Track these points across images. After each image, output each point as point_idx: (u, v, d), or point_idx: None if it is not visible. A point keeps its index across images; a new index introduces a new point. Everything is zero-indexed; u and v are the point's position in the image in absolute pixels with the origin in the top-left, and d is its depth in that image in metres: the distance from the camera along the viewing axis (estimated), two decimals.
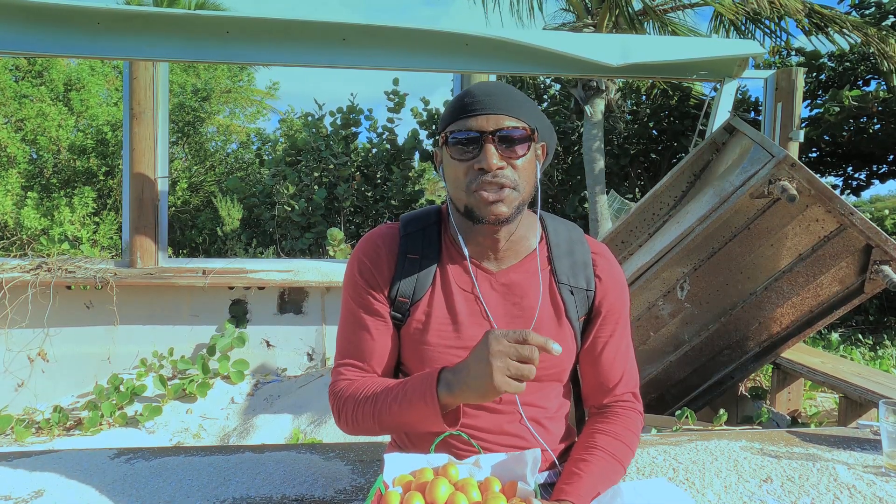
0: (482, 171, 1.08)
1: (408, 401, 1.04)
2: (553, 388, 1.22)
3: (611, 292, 1.21)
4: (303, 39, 3.84)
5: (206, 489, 1.32)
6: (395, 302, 1.17)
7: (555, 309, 1.18)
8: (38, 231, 7.09)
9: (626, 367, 1.24)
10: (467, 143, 1.08)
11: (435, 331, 1.15)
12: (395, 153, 8.65)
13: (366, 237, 1.22)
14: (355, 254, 1.21)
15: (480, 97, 1.09)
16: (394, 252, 1.18)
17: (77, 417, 3.99)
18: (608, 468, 1.13)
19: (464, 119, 1.09)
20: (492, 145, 1.07)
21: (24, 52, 3.83)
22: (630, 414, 1.22)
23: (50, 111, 7.98)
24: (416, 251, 1.18)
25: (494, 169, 1.07)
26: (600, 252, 1.24)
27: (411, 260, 1.17)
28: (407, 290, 1.16)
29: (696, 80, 4.82)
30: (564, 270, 1.19)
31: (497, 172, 1.07)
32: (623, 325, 1.24)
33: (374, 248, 1.19)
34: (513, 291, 1.17)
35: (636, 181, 9.58)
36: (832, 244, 2.87)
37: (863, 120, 8.58)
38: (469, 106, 1.09)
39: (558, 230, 1.24)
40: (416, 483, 1.01)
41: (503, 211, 1.09)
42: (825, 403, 4.31)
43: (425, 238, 1.19)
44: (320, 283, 4.68)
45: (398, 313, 1.17)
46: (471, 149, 1.08)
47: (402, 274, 1.16)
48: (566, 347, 1.19)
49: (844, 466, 1.47)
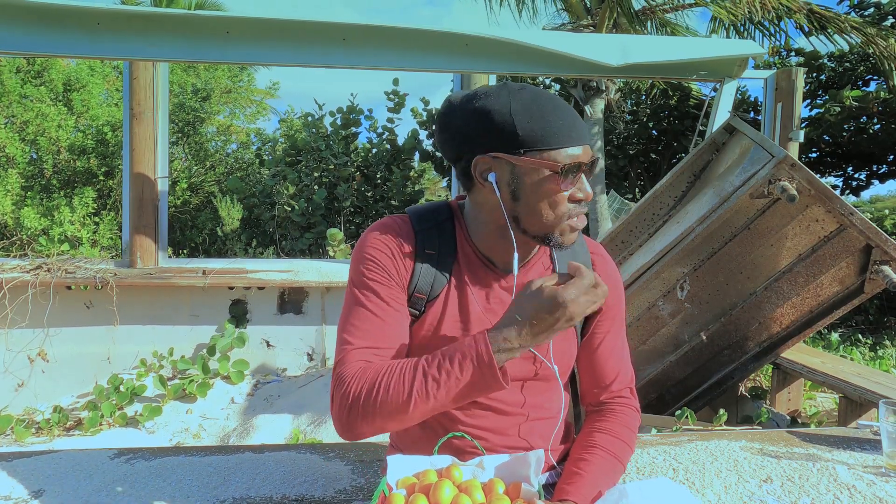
0: (580, 202, 1.09)
1: (454, 362, 0.98)
2: (555, 388, 1.23)
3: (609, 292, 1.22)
4: (303, 39, 3.84)
5: (206, 489, 1.32)
6: (412, 297, 1.14)
7: None
8: (38, 231, 7.09)
9: (622, 363, 1.27)
10: (577, 173, 1.08)
11: (449, 328, 1.15)
12: (395, 153, 8.65)
13: (380, 227, 1.16)
14: (371, 241, 1.14)
15: (577, 123, 1.08)
16: (412, 245, 1.14)
17: (77, 417, 3.99)
18: (608, 467, 1.14)
19: (572, 147, 1.06)
20: (587, 176, 1.10)
21: (24, 52, 3.83)
22: (627, 411, 1.24)
23: (50, 111, 7.97)
24: (432, 247, 1.15)
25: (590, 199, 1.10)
26: (598, 252, 1.27)
27: (429, 255, 1.15)
28: (424, 286, 1.14)
29: (696, 80, 4.83)
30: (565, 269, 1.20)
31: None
32: (619, 323, 1.27)
33: (394, 236, 1.14)
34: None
35: (636, 181, 9.58)
36: (832, 244, 2.87)
37: (863, 120, 8.58)
38: (573, 132, 1.07)
39: None
40: (420, 485, 1.01)
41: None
42: (825, 403, 4.31)
43: (441, 234, 1.17)
44: (320, 283, 4.68)
45: (414, 309, 1.14)
46: (575, 178, 1.08)
47: (420, 269, 1.14)
48: (570, 346, 1.21)
49: (844, 466, 1.47)
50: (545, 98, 1.08)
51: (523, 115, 1.05)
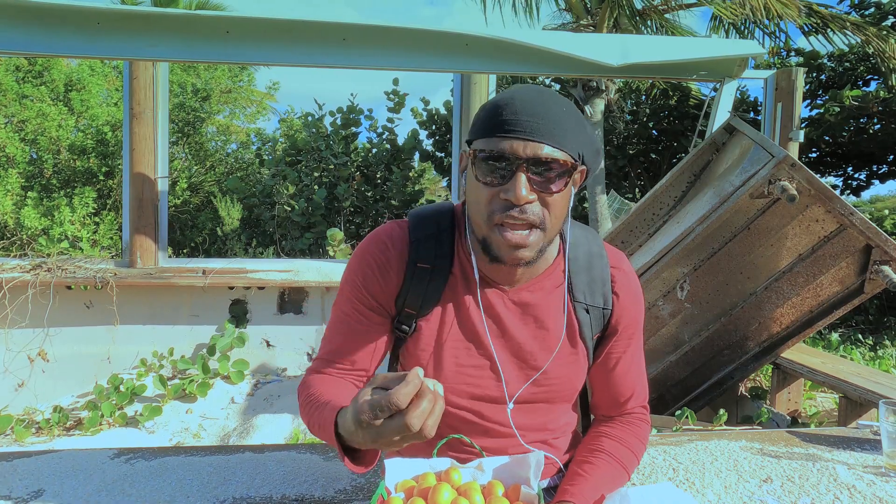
0: (508, 203, 0.96)
1: (319, 424, 0.97)
2: (562, 408, 1.19)
3: (628, 309, 1.15)
4: (303, 39, 3.84)
5: (206, 489, 1.32)
6: (402, 313, 1.09)
7: (569, 328, 1.12)
8: (38, 231, 7.09)
9: (639, 383, 1.20)
10: (497, 168, 0.95)
11: (450, 349, 1.09)
12: (395, 153, 8.65)
13: (373, 237, 1.12)
14: (361, 254, 1.11)
15: (522, 116, 0.95)
16: (403, 258, 1.08)
17: (77, 417, 3.99)
18: (612, 473, 1.11)
19: (498, 138, 0.95)
20: (524, 175, 0.94)
21: (24, 52, 3.83)
22: (639, 423, 1.20)
23: (50, 111, 7.97)
24: (426, 260, 1.07)
25: (522, 203, 0.95)
26: (619, 266, 1.15)
27: (421, 270, 1.07)
28: (414, 302, 1.08)
29: (696, 80, 4.83)
30: (581, 288, 1.11)
31: (525, 207, 0.96)
32: (637, 340, 1.19)
33: (383, 250, 1.09)
34: (528, 311, 1.10)
35: (636, 181, 9.58)
36: (832, 244, 2.87)
37: (863, 120, 8.58)
38: (507, 123, 0.95)
39: (578, 242, 1.13)
40: (419, 488, 1.00)
41: (525, 255, 0.99)
42: (825, 403, 4.31)
43: (438, 246, 1.08)
44: (320, 283, 4.68)
45: (405, 325, 1.09)
46: (500, 174, 0.95)
47: (410, 284, 1.07)
48: (578, 368, 1.14)
49: (844, 466, 1.47)
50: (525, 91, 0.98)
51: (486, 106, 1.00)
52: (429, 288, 1.07)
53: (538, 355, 1.10)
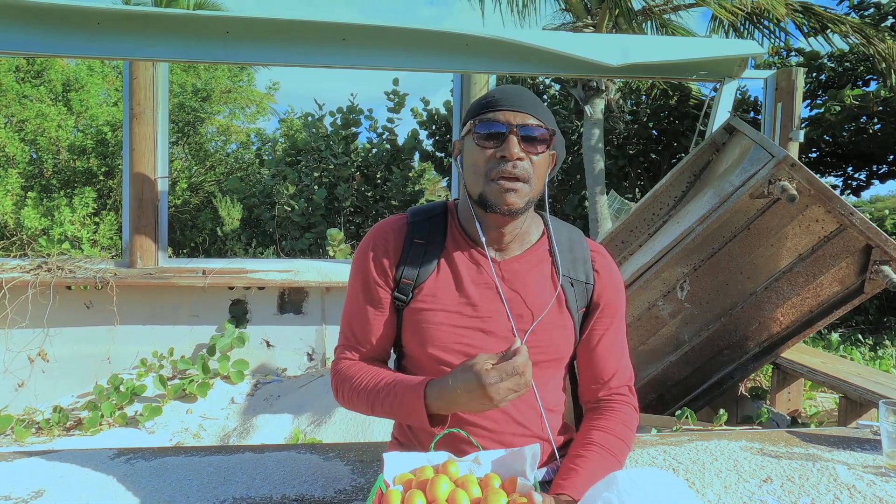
0: (503, 160, 1.14)
1: (399, 404, 1.12)
2: (551, 375, 1.25)
3: (609, 287, 1.27)
4: (303, 39, 3.84)
5: (206, 489, 1.32)
6: (400, 284, 1.23)
7: (556, 298, 1.23)
8: (38, 231, 7.09)
9: (621, 361, 1.29)
10: (492, 134, 1.16)
11: (443, 312, 1.20)
12: (395, 153, 8.65)
13: (376, 226, 1.29)
14: (366, 242, 1.27)
15: (509, 95, 1.18)
16: (401, 237, 1.24)
17: (77, 417, 3.99)
18: (604, 462, 1.16)
19: (492, 112, 1.16)
20: (515, 137, 1.14)
21: (24, 52, 3.83)
22: (625, 409, 1.26)
23: (49, 111, 7.97)
24: (421, 237, 1.24)
25: (515, 158, 1.14)
26: (598, 251, 1.31)
27: (417, 245, 1.24)
28: (411, 272, 1.22)
29: (695, 80, 4.83)
30: (565, 263, 1.26)
31: (516, 163, 1.14)
32: (619, 321, 1.29)
33: (383, 234, 1.26)
34: (517, 279, 1.23)
35: (636, 181, 9.58)
36: (832, 244, 2.87)
37: (863, 120, 8.57)
38: (498, 101, 1.17)
39: (559, 229, 1.30)
40: (417, 481, 1.01)
41: (515, 201, 1.15)
42: (825, 403, 4.31)
43: (432, 225, 1.26)
44: (320, 283, 4.69)
45: (402, 294, 1.22)
46: (495, 140, 1.16)
47: (407, 257, 1.23)
48: (566, 335, 1.24)
49: (844, 466, 1.47)
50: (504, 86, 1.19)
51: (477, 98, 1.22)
52: (424, 258, 1.23)
53: (527, 319, 1.21)
